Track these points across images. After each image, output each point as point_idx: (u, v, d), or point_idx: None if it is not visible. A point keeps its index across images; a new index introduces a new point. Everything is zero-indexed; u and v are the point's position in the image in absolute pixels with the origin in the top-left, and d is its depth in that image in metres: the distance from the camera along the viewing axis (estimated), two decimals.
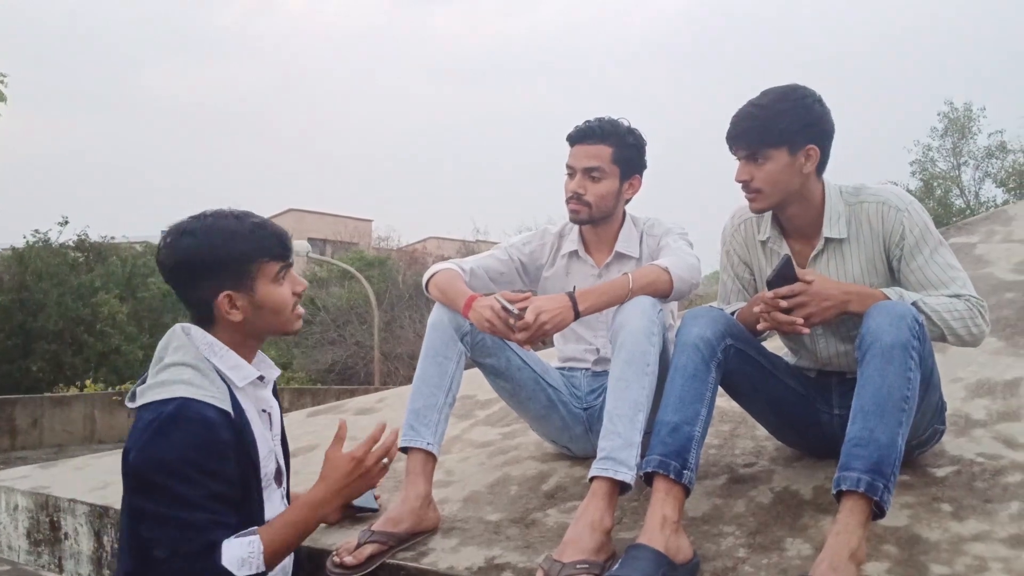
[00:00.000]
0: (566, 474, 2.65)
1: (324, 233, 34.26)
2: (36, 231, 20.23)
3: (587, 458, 2.61)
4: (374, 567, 2.13)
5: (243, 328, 1.98)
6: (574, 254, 2.68)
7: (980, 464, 2.28)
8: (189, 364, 1.90)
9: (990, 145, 26.37)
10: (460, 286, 2.43)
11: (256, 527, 1.89)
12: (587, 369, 2.70)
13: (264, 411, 2.05)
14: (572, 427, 2.64)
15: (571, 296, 2.27)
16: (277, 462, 2.07)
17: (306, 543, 2.29)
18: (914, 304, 2.04)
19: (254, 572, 1.83)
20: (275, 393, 2.18)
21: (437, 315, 2.44)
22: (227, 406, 1.88)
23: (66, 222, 20.41)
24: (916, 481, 2.23)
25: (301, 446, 3.44)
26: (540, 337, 2.26)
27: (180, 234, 1.94)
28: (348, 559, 2.10)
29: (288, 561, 2.08)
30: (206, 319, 1.98)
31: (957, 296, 2.11)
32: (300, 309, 2.07)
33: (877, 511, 1.82)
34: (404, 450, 2.35)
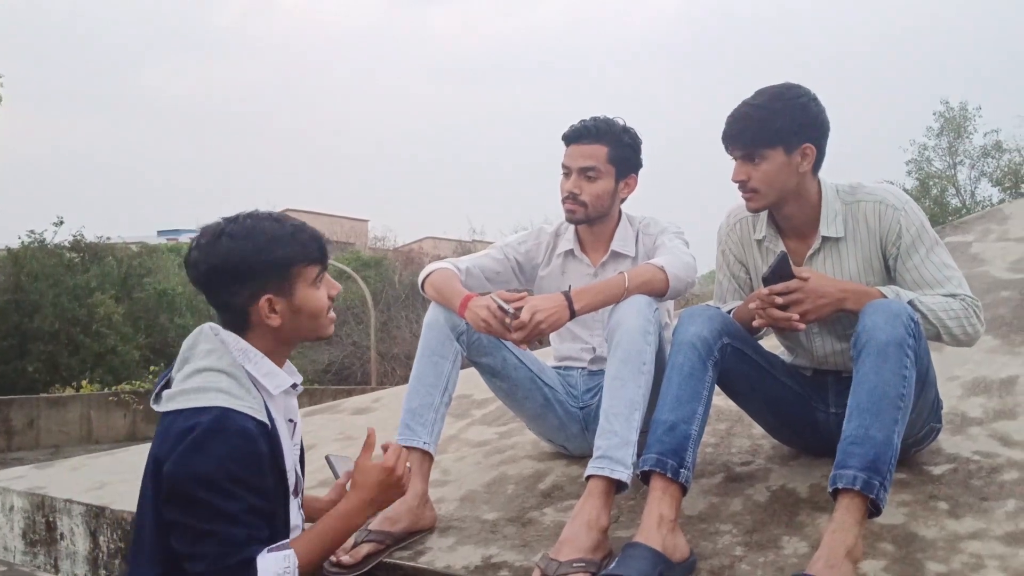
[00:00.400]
0: (562, 473, 2.65)
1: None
2: (31, 231, 20.20)
3: (583, 457, 2.61)
4: (371, 566, 2.13)
5: (279, 334, 1.91)
6: (570, 253, 2.68)
7: (976, 462, 2.29)
8: (224, 371, 1.83)
9: (986, 144, 26.43)
10: (456, 286, 2.43)
11: (288, 540, 1.85)
12: (583, 368, 2.70)
13: (290, 420, 2.00)
14: (568, 426, 2.64)
15: (567, 295, 2.27)
16: (296, 473, 2.02)
17: None
18: (910, 303, 2.04)
19: None
20: None
21: (433, 314, 2.44)
22: (264, 417, 1.82)
23: (61, 222, 20.38)
24: (913, 479, 2.23)
25: None
26: (536, 337, 2.26)
27: (217, 236, 1.86)
28: (345, 558, 2.09)
29: None
30: (240, 324, 1.90)
31: (952, 295, 2.11)
32: (332, 314, 2.01)
33: (873, 509, 1.82)
34: None
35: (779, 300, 2.04)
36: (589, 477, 2.08)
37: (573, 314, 2.26)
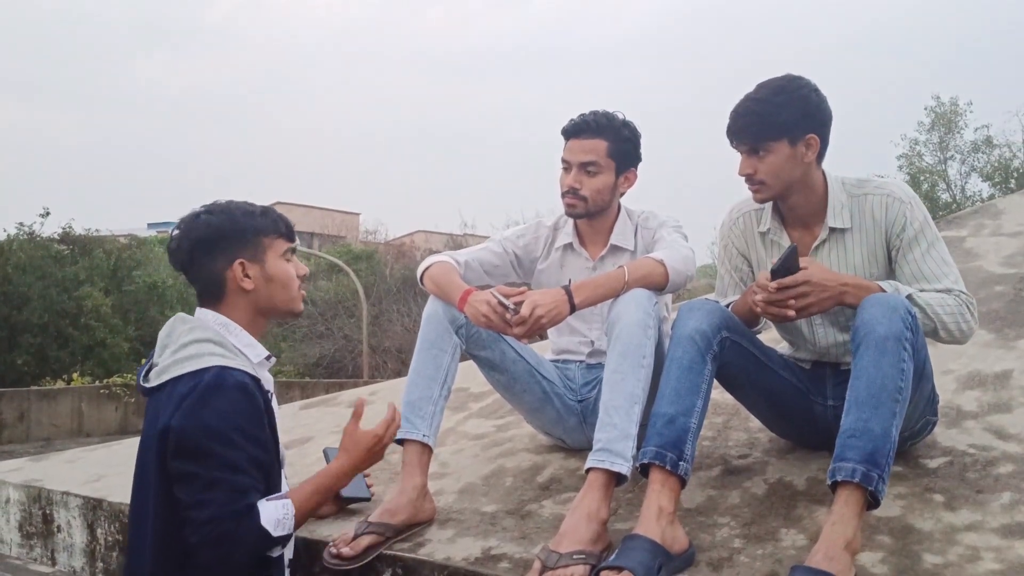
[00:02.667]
0: (560, 466, 2.66)
1: (312, 226, 34.19)
2: (20, 224, 20.10)
3: (581, 450, 2.62)
4: (371, 558, 2.14)
5: (253, 301, 2.09)
6: (569, 247, 2.69)
7: (972, 455, 2.31)
8: (211, 340, 2.00)
9: (976, 139, 26.51)
10: (455, 279, 2.43)
11: (286, 492, 2.01)
12: (581, 361, 2.70)
13: (270, 392, 2.13)
14: (566, 419, 2.65)
15: (567, 290, 2.28)
16: (281, 448, 2.17)
17: (303, 534, 2.31)
18: (908, 297, 2.06)
19: (286, 533, 1.94)
20: None
21: (432, 308, 2.44)
22: (255, 373, 2.01)
23: (47, 213, 20.27)
24: (909, 472, 2.25)
25: (295, 438, 3.44)
26: (537, 331, 2.26)
27: (197, 216, 2.09)
28: (345, 550, 2.11)
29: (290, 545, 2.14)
30: (217, 293, 2.08)
31: (948, 291, 2.13)
32: (302, 291, 2.19)
33: (872, 501, 1.83)
34: (400, 442, 2.36)
35: (779, 294, 2.04)
36: (589, 470, 2.09)
37: (573, 308, 2.26)
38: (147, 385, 2.00)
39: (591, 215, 2.59)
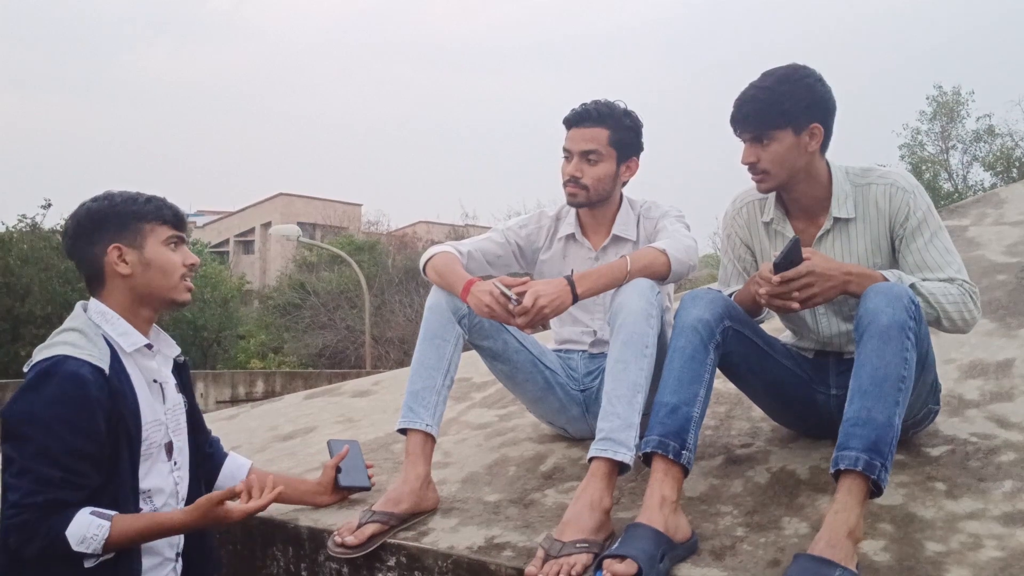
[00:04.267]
0: (563, 455, 2.67)
1: (314, 217, 34.15)
2: (22, 216, 20.09)
3: (584, 439, 2.63)
4: (375, 547, 2.15)
5: (131, 287, 2.05)
6: (571, 237, 2.69)
7: (973, 444, 2.31)
8: (75, 329, 1.98)
9: (978, 129, 26.40)
10: (458, 270, 2.44)
11: (115, 513, 1.88)
12: (584, 351, 2.71)
13: (156, 382, 2.08)
14: (569, 409, 2.66)
15: (569, 280, 2.28)
16: (169, 436, 2.08)
17: (307, 523, 2.32)
18: (911, 286, 2.06)
19: (89, 552, 1.84)
20: (183, 373, 2.20)
21: (435, 298, 2.45)
22: (104, 365, 1.94)
23: (49, 204, 20.24)
24: (911, 460, 2.26)
25: (299, 428, 3.45)
26: (539, 322, 2.27)
27: (81, 204, 2.09)
28: (350, 539, 2.12)
29: (177, 537, 2.09)
30: (97, 279, 2.06)
31: (951, 280, 2.13)
32: (190, 283, 2.12)
33: (875, 489, 1.84)
34: (403, 431, 2.37)
35: (783, 286, 2.04)
36: (592, 459, 2.10)
37: (576, 298, 2.27)
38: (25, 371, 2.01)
39: (592, 204, 2.60)
